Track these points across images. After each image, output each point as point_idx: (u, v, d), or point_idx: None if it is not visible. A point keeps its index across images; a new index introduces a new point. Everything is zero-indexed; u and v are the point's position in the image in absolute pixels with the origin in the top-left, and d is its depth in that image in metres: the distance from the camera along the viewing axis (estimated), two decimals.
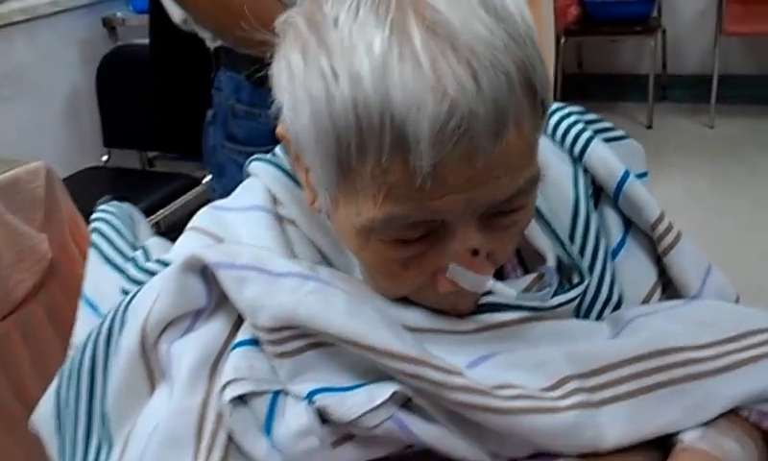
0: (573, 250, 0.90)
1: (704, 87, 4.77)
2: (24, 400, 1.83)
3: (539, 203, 0.88)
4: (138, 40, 3.66)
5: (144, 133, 3.57)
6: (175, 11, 1.67)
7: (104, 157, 3.80)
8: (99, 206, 1.05)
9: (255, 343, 0.77)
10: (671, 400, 0.79)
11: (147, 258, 0.93)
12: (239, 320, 0.79)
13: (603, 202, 0.96)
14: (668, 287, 0.96)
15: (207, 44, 1.67)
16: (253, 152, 0.99)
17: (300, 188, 0.86)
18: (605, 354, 0.80)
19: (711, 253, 0.99)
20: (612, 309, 0.92)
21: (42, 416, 0.86)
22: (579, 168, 0.95)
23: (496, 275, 0.79)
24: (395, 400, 0.75)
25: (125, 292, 0.89)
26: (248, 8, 0.91)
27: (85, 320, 0.93)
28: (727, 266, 0.99)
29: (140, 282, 0.87)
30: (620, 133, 1.01)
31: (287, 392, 0.76)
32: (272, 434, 0.74)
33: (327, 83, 0.67)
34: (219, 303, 0.80)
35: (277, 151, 0.94)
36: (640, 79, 4.96)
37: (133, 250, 0.98)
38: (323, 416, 0.74)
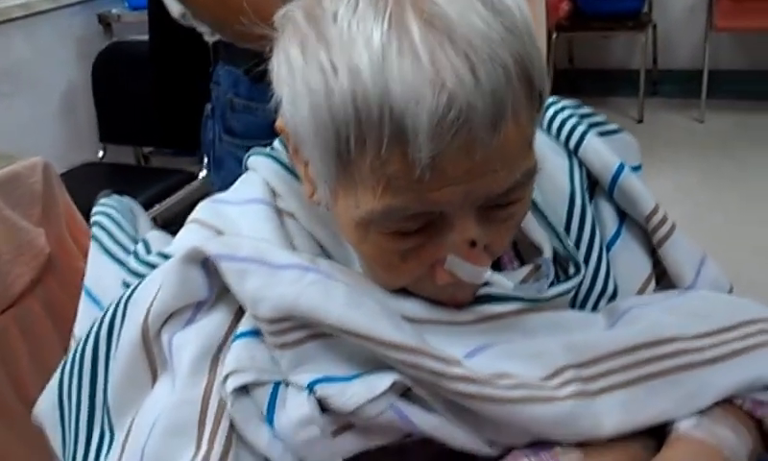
0: (569, 242, 0.90)
1: (694, 83, 4.77)
2: (22, 394, 1.83)
3: (535, 195, 0.88)
4: (133, 37, 3.65)
5: (140, 128, 3.56)
6: (174, 5, 1.66)
7: (99, 153, 3.79)
8: (99, 199, 1.05)
9: (256, 334, 0.77)
10: (666, 389, 0.79)
11: (148, 251, 0.93)
12: (240, 311, 0.79)
13: (598, 194, 0.97)
14: (662, 279, 0.97)
15: (206, 38, 1.66)
16: (251, 145, 0.99)
17: (299, 182, 0.87)
18: (601, 345, 0.81)
19: (702, 247, 1.00)
20: (608, 301, 0.92)
21: (45, 407, 0.86)
22: (574, 161, 0.96)
23: (493, 267, 0.80)
24: (394, 389, 0.75)
25: (126, 285, 0.89)
26: (247, 2, 0.90)
27: (87, 312, 0.93)
28: (718, 260, 0.99)
29: (141, 275, 0.87)
30: (614, 126, 1.01)
31: (288, 382, 0.76)
32: (273, 424, 0.74)
33: (326, 76, 0.67)
34: (220, 294, 0.80)
35: (276, 145, 0.94)
36: (631, 74, 4.95)
37: (134, 243, 0.98)
38: (323, 406, 0.75)
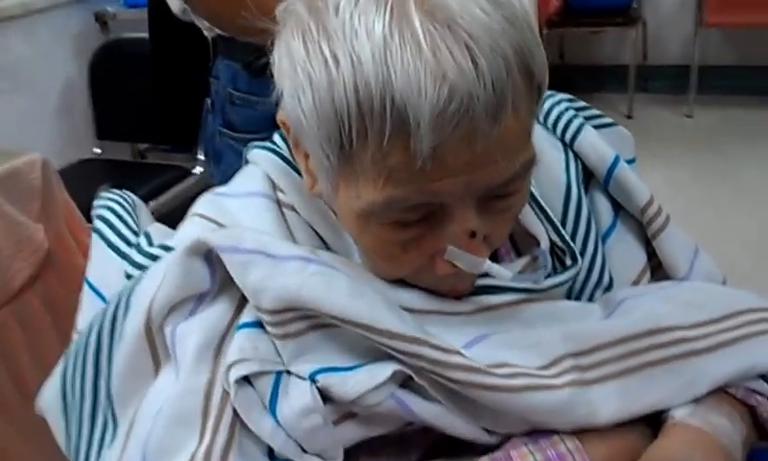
0: (566, 233, 0.91)
1: (683, 78, 4.77)
2: (21, 388, 1.82)
3: (532, 188, 0.88)
4: (130, 34, 3.64)
5: (136, 125, 3.55)
6: (174, 1, 1.67)
7: (96, 150, 3.78)
8: (100, 193, 1.05)
9: (259, 325, 0.77)
10: (662, 378, 0.80)
11: (150, 243, 0.93)
12: (242, 302, 0.80)
13: (593, 187, 0.97)
14: (657, 270, 0.97)
15: (205, 33, 1.67)
16: (250, 138, 0.99)
17: (299, 175, 0.87)
18: (597, 334, 0.81)
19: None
20: (603, 292, 0.93)
21: (48, 398, 0.86)
22: (570, 154, 0.96)
23: (491, 259, 0.80)
24: (395, 379, 0.75)
25: (129, 277, 0.89)
26: None
27: (90, 305, 0.93)
28: (710, 254, 1.00)
29: (144, 267, 0.87)
30: (609, 120, 1.02)
31: (290, 372, 0.77)
32: (276, 413, 0.74)
33: (329, 68, 0.67)
34: (222, 286, 0.80)
35: (276, 138, 0.94)
36: (621, 70, 4.95)
37: (136, 235, 0.98)
38: (325, 395, 0.75)
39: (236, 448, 0.73)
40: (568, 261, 0.89)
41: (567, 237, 0.90)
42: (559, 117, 0.97)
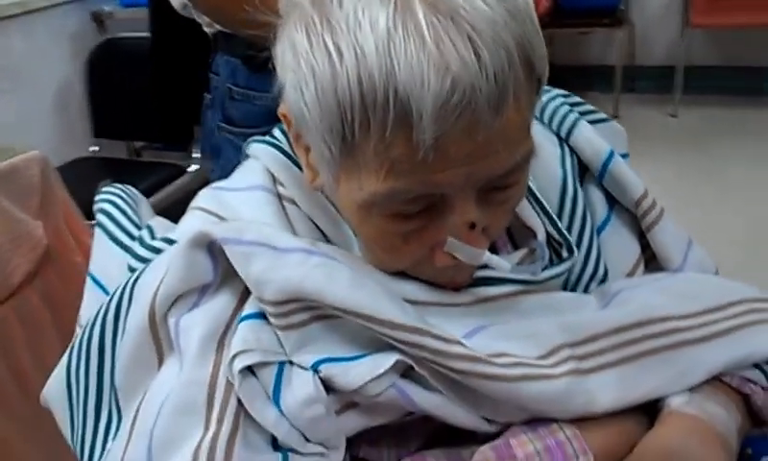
0: (562, 226, 0.90)
1: (669, 78, 4.78)
2: (21, 383, 1.81)
3: (529, 181, 0.88)
4: (126, 33, 3.63)
5: (132, 123, 3.54)
6: None
7: (92, 148, 3.76)
8: (101, 188, 1.05)
9: (261, 316, 0.77)
10: (658, 367, 0.80)
11: (152, 237, 0.93)
12: (244, 294, 0.79)
13: (588, 181, 0.97)
14: (650, 262, 0.97)
15: (205, 29, 1.66)
16: (249, 133, 0.99)
17: (299, 169, 0.86)
18: (594, 325, 0.81)
19: None
20: (598, 284, 0.93)
21: (53, 390, 0.85)
22: (565, 148, 0.96)
23: (488, 252, 0.80)
24: (396, 369, 0.75)
25: (132, 269, 0.88)
26: None
27: (93, 298, 0.93)
28: None
29: (147, 260, 0.87)
30: (603, 115, 1.02)
31: (293, 363, 0.76)
32: (280, 403, 0.74)
33: (332, 60, 0.67)
34: (224, 278, 0.80)
35: (276, 133, 0.94)
36: (608, 70, 4.96)
37: (138, 229, 0.97)
38: (327, 385, 0.75)
39: (241, 437, 0.72)
40: (565, 253, 0.89)
41: (564, 230, 0.90)
42: (554, 112, 0.97)
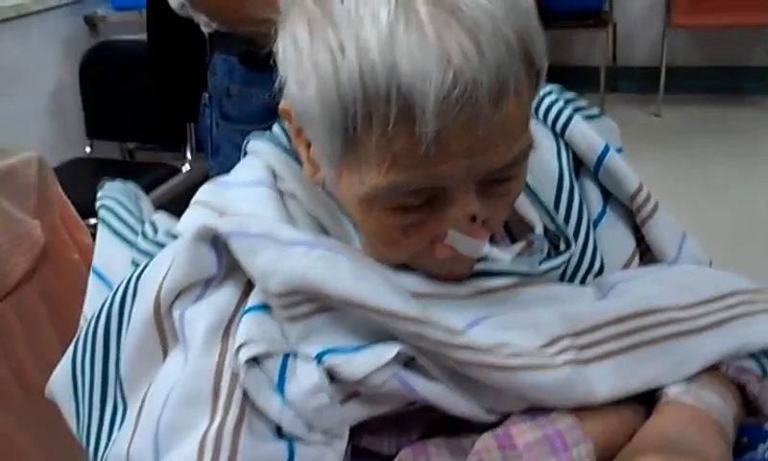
0: (559, 219, 0.90)
1: (652, 79, 4.80)
2: (20, 379, 1.81)
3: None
4: (119, 36, 3.62)
5: (125, 124, 3.54)
6: None
7: (87, 149, 3.75)
8: (103, 185, 1.04)
9: (265, 308, 0.76)
10: (656, 357, 0.80)
11: (155, 231, 0.92)
12: (248, 287, 0.79)
13: (583, 175, 0.97)
14: (645, 254, 0.97)
15: (202, 28, 1.67)
16: (246, 130, 0.98)
17: (299, 164, 0.86)
18: (592, 315, 0.81)
19: None
20: (594, 276, 0.92)
21: (58, 382, 0.85)
22: (561, 143, 0.96)
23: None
24: (398, 359, 0.75)
25: (135, 264, 0.88)
26: None
27: (97, 292, 0.92)
28: None
29: (150, 254, 0.86)
30: (596, 111, 1.02)
31: (297, 353, 0.76)
32: (284, 393, 0.74)
33: (334, 55, 0.66)
34: (228, 271, 0.80)
35: (275, 129, 0.93)
36: (592, 71, 4.95)
37: (141, 224, 0.97)
38: (331, 375, 0.74)
39: (247, 425, 0.72)
40: (562, 246, 0.89)
41: (561, 222, 0.90)
42: (550, 107, 0.97)
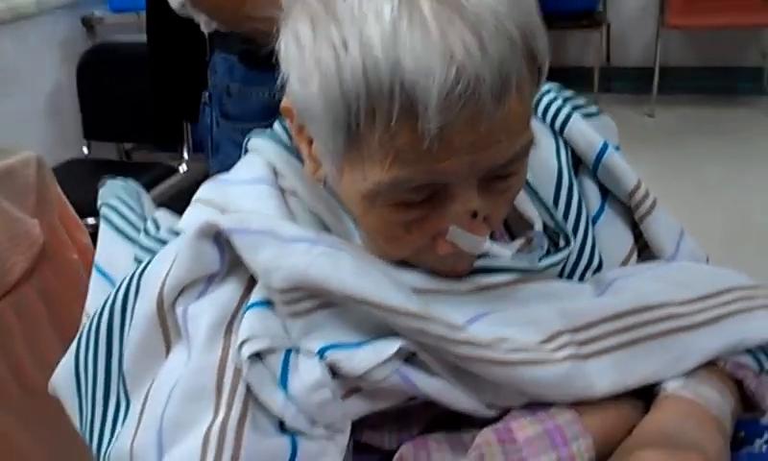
0: (558, 216, 0.90)
1: (646, 79, 4.80)
2: (20, 378, 1.80)
3: None
4: (116, 38, 3.62)
5: (122, 125, 3.54)
6: None
7: (84, 150, 3.76)
8: (104, 182, 1.04)
9: (267, 304, 0.76)
10: (654, 352, 0.80)
11: (158, 228, 0.92)
12: (250, 283, 0.79)
13: (581, 173, 0.97)
14: (643, 251, 0.97)
15: (202, 28, 1.67)
16: (246, 128, 0.98)
17: (300, 162, 0.86)
18: (591, 311, 0.81)
19: None
20: (593, 273, 0.93)
21: (61, 378, 0.85)
22: (560, 141, 0.96)
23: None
24: (400, 355, 0.75)
25: (138, 260, 0.87)
26: None
27: (99, 289, 0.92)
28: None
29: (153, 251, 0.86)
30: (594, 109, 1.02)
31: (299, 349, 0.76)
32: (287, 388, 0.73)
33: (337, 52, 0.66)
34: (231, 268, 0.79)
35: (276, 127, 0.93)
36: (586, 71, 4.95)
37: (142, 221, 0.97)
38: (333, 370, 0.74)
39: (250, 420, 0.72)
40: (561, 243, 0.89)
41: (560, 220, 0.90)
42: (549, 105, 0.97)
